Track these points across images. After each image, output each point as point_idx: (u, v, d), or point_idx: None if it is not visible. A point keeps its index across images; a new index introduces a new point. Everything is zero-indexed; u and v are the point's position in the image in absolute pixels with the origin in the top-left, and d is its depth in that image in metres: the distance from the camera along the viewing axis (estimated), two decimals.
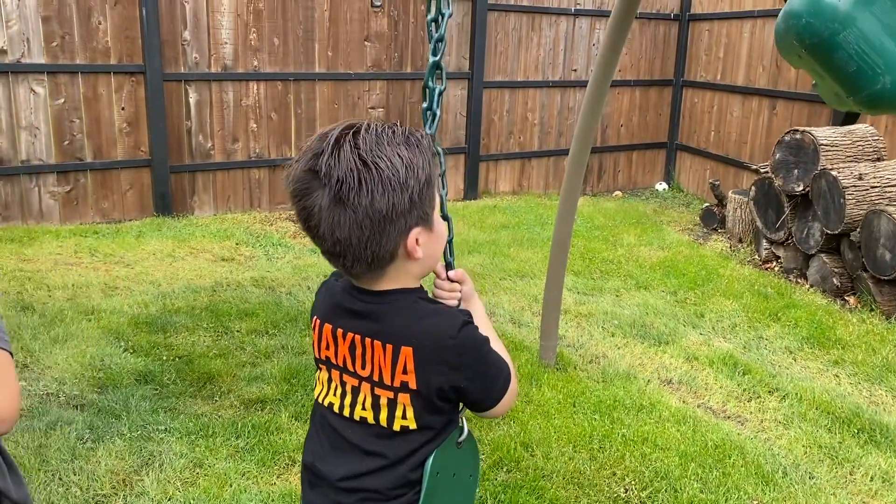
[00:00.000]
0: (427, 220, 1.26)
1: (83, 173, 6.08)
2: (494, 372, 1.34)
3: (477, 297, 1.44)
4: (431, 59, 1.44)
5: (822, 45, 1.63)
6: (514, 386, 1.38)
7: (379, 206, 1.18)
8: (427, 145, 1.25)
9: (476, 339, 1.30)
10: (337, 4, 6.79)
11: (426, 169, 1.23)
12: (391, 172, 1.18)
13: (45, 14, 5.70)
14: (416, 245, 1.25)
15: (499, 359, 1.35)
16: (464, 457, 1.41)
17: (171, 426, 3.11)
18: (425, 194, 1.23)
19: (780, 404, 3.63)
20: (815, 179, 5.32)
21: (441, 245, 1.34)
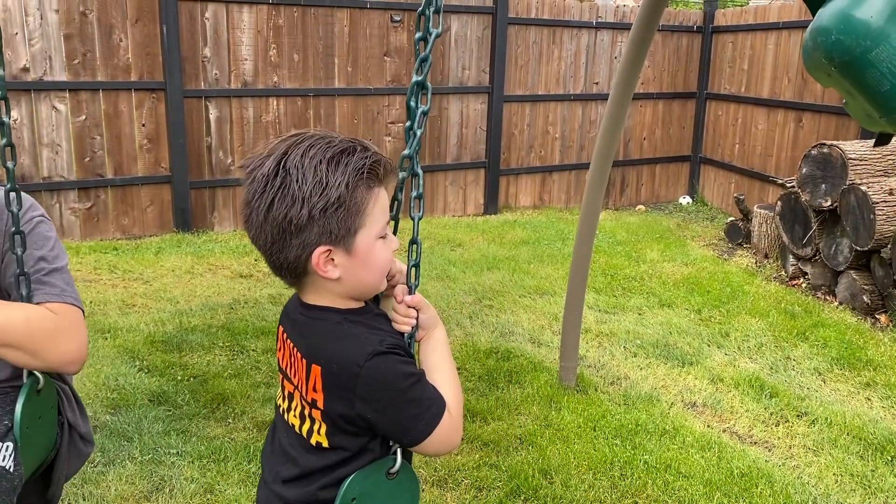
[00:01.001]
0: (340, 242, 1.23)
1: (104, 189, 6.10)
2: (414, 410, 1.25)
3: (440, 327, 1.36)
4: (415, 79, 1.37)
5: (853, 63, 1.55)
6: (449, 425, 1.27)
7: (275, 215, 1.20)
8: (360, 168, 1.21)
9: (388, 371, 1.23)
10: (356, 20, 6.78)
11: (341, 190, 1.20)
12: (297, 185, 1.19)
13: (67, 32, 5.75)
14: (326, 265, 1.24)
15: (425, 396, 1.26)
16: (397, 491, 1.32)
17: (183, 450, 3.07)
18: (333, 214, 1.20)
19: (810, 429, 3.50)
20: (844, 195, 5.19)
21: (375, 272, 1.29)
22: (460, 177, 7.64)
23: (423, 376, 1.29)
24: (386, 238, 1.31)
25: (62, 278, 1.73)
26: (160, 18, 6.00)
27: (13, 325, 1.58)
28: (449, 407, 1.29)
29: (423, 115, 1.37)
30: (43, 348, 1.61)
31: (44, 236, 1.75)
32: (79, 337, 1.68)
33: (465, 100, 7.46)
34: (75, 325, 1.68)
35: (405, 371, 1.25)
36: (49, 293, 1.68)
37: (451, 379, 1.33)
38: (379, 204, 1.27)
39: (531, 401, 3.61)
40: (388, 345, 1.26)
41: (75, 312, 1.69)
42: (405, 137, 1.39)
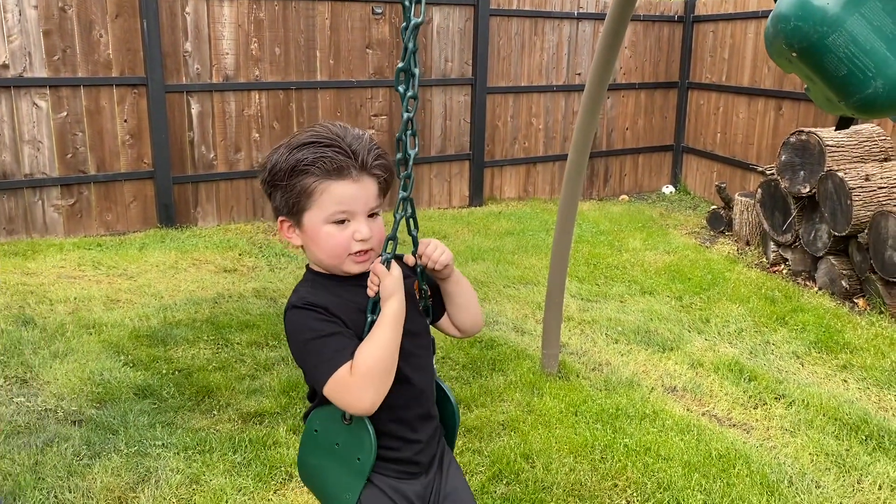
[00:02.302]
0: (291, 216, 1.47)
1: (86, 186, 6.09)
2: (312, 360, 1.41)
3: (393, 299, 1.42)
4: (399, 64, 1.43)
5: (812, 48, 1.59)
6: (343, 382, 1.37)
7: (259, 181, 1.53)
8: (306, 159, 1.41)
9: (296, 323, 1.43)
10: (338, 13, 6.79)
11: (283, 174, 1.43)
12: (270, 162, 1.46)
13: (47, 28, 5.73)
14: (288, 232, 1.49)
15: (321, 350, 1.40)
16: (350, 435, 1.47)
17: (169, 441, 3.09)
18: (278, 192, 1.45)
19: (787, 411, 3.57)
20: (822, 181, 5.26)
21: (323, 250, 1.46)
22: (445, 169, 7.67)
23: (327, 336, 1.40)
24: (343, 224, 1.44)
25: None
26: (140, 13, 5.99)
27: None
28: (353, 369, 1.36)
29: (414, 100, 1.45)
30: None
31: None
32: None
33: (449, 92, 7.48)
34: None
35: (310, 326, 1.41)
36: None
37: (374, 346, 1.39)
38: (328, 193, 1.42)
39: (514, 388, 3.66)
40: (306, 302, 1.42)
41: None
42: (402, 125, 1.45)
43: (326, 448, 1.50)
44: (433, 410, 1.61)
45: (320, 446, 1.51)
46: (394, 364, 1.41)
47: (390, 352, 1.40)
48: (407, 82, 1.44)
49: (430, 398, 1.60)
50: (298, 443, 3.01)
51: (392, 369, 1.40)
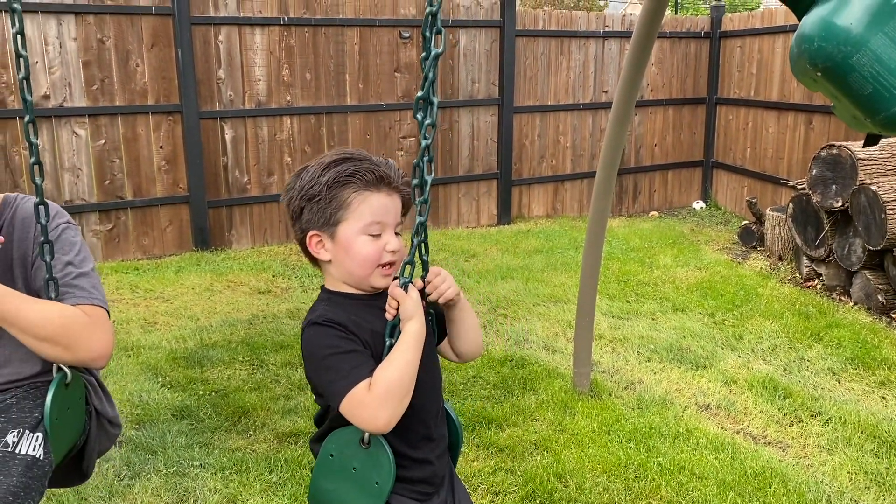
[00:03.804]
0: (325, 229, 1.51)
1: (124, 211, 6.24)
2: (329, 376, 1.44)
3: (413, 321, 1.45)
4: (418, 94, 1.48)
5: (836, 68, 1.61)
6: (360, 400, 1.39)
7: (286, 202, 1.56)
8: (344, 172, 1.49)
9: (313, 340, 1.46)
10: (366, 38, 6.90)
11: (317, 188, 1.49)
12: (296, 183, 1.53)
13: (86, 59, 5.91)
14: (317, 247, 1.53)
15: (339, 368, 1.42)
16: (368, 459, 1.46)
17: (206, 461, 3.15)
18: (315, 205, 1.50)
19: (824, 429, 3.52)
20: (855, 195, 5.20)
21: (355, 261, 1.50)
22: (473, 188, 7.72)
23: (345, 353, 1.43)
24: (378, 237, 1.50)
25: (89, 281, 1.86)
26: (175, 43, 6.15)
27: (51, 320, 1.73)
28: (372, 388, 1.39)
29: (432, 128, 1.49)
30: (76, 343, 1.76)
31: (70, 242, 1.89)
32: (107, 334, 1.83)
33: (476, 112, 7.55)
34: (103, 324, 1.83)
35: (328, 343, 1.44)
36: (78, 296, 1.82)
37: (394, 366, 1.41)
38: (365, 203, 1.49)
39: (546, 407, 3.66)
40: (326, 319, 1.46)
41: (102, 313, 1.84)
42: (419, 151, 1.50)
43: (343, 473, 1.50)
44: (443, 430, 1.64)
45: (336, 471, 1.51)
46: (412, 385, 1.42)
47: (409, 373, 1.42)
48: (425, 110, 1.48)
49: (439, 419, 1.62)
50: None
51: (410, 390, 1.42)
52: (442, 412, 1.64)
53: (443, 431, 1.64)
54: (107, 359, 1.85)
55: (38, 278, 1.85)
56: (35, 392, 1.89)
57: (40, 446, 1.79)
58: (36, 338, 1.73)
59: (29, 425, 1.81)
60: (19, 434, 1.79)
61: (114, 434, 2.15)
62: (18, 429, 1.80)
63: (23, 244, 1.89)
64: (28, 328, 1.72)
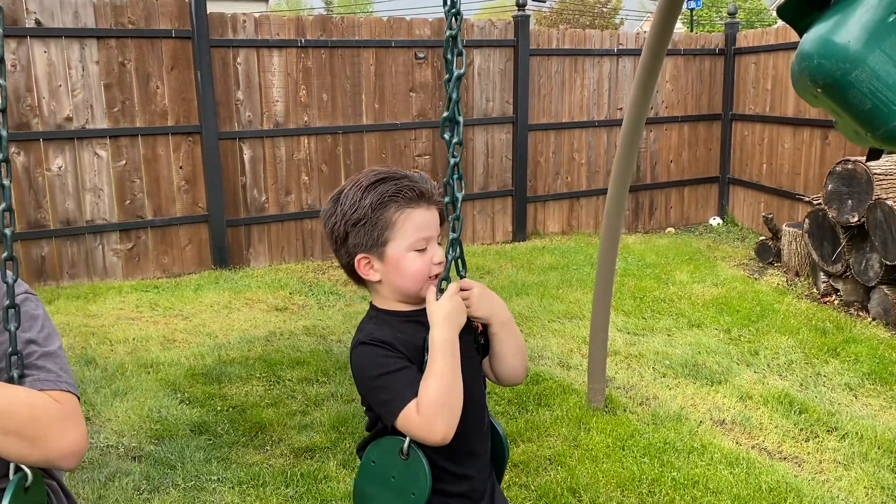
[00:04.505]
0: (373, 251, 1.52)
1: (144, 230, 6.35)
2: (381, 396, 1.46)
3: (437, 328, 1.46)
4: (444, 114, 1.54)
5: (835, 84, 1.64)
6: (411, 420, 1.41)
7: (328, 228, 1.56)
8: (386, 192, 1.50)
9: (362, 360, 1.48)
10: (382, 58, 7.00)
11: (362, 210, 1.50)
12: (340, 206, 1.53)
13: (107, 82, 6.05)
14: (366, 269, 1.53)
15: (388, 388, 1.44)
16: (407, 470, 1.48)
17: (224, 476, 3.19)
18: (361, 228, 1.51)
19: (840, 444, 3.51)
20: (871, 209, 5.19)
21: (406, 278, 1.52)
22: (488, 205, 7.77)
23: (395, 371, 1.44)
24: (424, 251, 1.53)
25: (56, 363, 1.55)
26: (194, 65, 6.28)
27: (18, 409, 1.41)
28: (419, 405, 1.40)
29: (460, 146, 1.55)
30: (44, 438, 1.44)
31: (31, 315, 1.56)
32: (79, 428, 1.50)
33: (490, 130, 7.61)
34: (75, 415, 1.51)
35: (377, 363, 1.45)
36: (44, 379, 1.50)
37: (432, 380, 1.41)
38: (410, 221, 1.51)
39: (560, 422, 3.67)
40: (373, 338, 1.47)
41: (74, 401, 1.52)
42: (446, 168, 1.54)
43: (383, 480, 1.54)
44: (486, 446, 1.64)
45: (377, 477, 1.55)
46: (459, 391, 1.42)
47: (449, 380, 1.41)
48: (452, 130, 1.53)
49: (481, 433, 1.62)
50: (348, 477, 3.10)
51: (458, 396, 1.42)
52: (487, 427, 1.64)
53: (486, 446, 1.64)
54: (79, 457, 1.50)
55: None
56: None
57: None
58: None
59: None
60: None
61: None
62: None
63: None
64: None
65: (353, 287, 5.97)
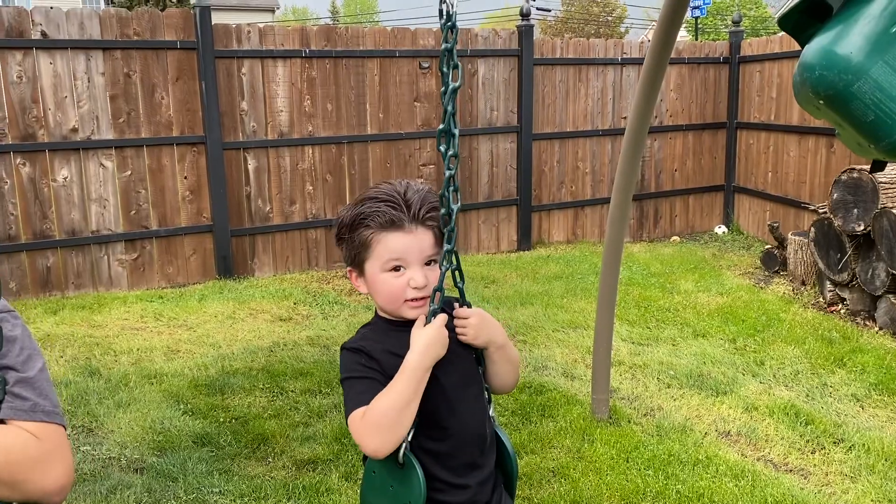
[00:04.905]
0: (353, 265, 1.59)
1: (149, 241, 6.36)
2: (344, 397, 1.53)
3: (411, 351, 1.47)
4: (440, 126, 1.53)
5: (838, 96, 1.63)
6: (356, 425, 1.46)
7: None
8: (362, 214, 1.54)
9: (341, 362, 1.56)
10: (386, 68, 7.01)
11: (348, 228, 1.56)
12: (339, 217, 1.60)
13: (113, 93, 6.07)
14: (356, 280, 1.61)
15: (348, 392, 1.51)
16: (404, 479, 1.49)
17: (226, 488, 3.18)
18: (343, 245, 1.59)
19: (847, 456, 3.48)
20: (876, 218, 5.16)
21: (381, 296, 1.56)
22: (492, 214, 7.76)
23: (357, 378, 1.51)
24: (399, 271, 1.54)
25: (34, 390, 1.40)
26: (199, 76, 6.30)
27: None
28: (365, 412, 1.45)
29: (454, 158, 1.54)
30: (25, 480, 1.34)
31: (7, 339, 1.42)
32: (64, 462, 1.40)
33: (495, 140, 7.61)
34: (59, 449, 1.40)
35: (348, 366, 1.54)
36: (19, 410, 1.37)
37: (386, 397, 1.44)
38: (383, 244, 1.53)
39: (564, 434, 3.65)
40: (352, 344, 1.55)
41: (58, 432, 1.41)
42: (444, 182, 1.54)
43: (383, 489, 1.56)
44: (485, 459, 1.62)
45: (378, 487, 1.57)
46: (409, 416, 1.44)
47: (403, 402, 1.42)
48: (448, 142, 1.52)
49: (480, 446, 1.60)
50: (350, 489, 3.08)
51: (406, 421, 1.43)
52: (491, 439, 1.63)
53: (489, 459, 1.62)
54: (64, 494, 1.42)
55: None
56: None
57: None
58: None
59: None
60: None
61: None
62: None
63: None
64: None
65: (357, 297, 5.98)
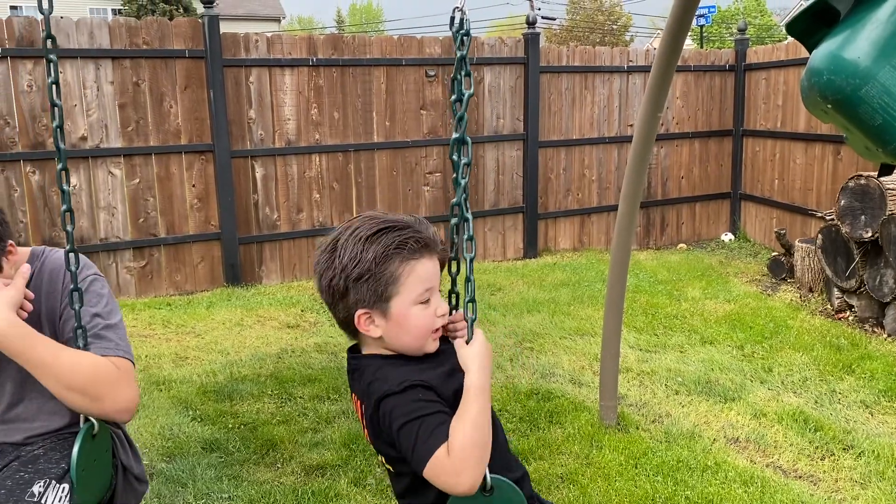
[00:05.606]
0: (375, 307, 1.45)
1: (157, 248, 6.39)
2: (411, 443, 1.37)
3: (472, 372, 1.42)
4: (454, 135, 1.53)
5: (846, 100, 1.64)
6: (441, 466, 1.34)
7: (325, 282, 1.48)
8: (391, 244, 1.43)
9: (394, 409, 1.38)
10: (393, 77, 7.05)
11: (368, 263, 1.43)
12: (339, 259, 1.45)
13: (122, 101, 6.11)
14: (367, 325, 1.47)
15: (419, 434, 1.36)
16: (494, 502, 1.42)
17: (235, 494, 3.19)
18: (364, 284, 1.43)
19: (856, 462, 3.47)
20: (884, 225, 5.16)
21: (411, 334, 1.47)
22: (499, 222, 7.77)
23: (430, 414, 1.37)
24: (428, 303, 1.47)
25: (116, 334, 1.86)
26: (207, 84, 6.34)
27: (82, 370, 1.73)
28: (450, 449, 1.34)
29: (467, 167, 1.54)
30: (103, 395, 1.75)
31: (97, 294, 1.89)
32: (133, 389, 1.82)
33: (501, 147, 7.63)
34: (129, 378, 1.82)
35: (408, 409, 1.38)
36: (105, 347, 1.82)
37: (465, 425, 1.36)
38: (414, 274, 1.45)
39: (572, 440, 3.65)
40: (406, 384, 1.39)
41: (130, 366, 1.84)
42: (454, 187, 1.55)
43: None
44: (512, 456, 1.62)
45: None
46: (490, 439, 1.38)
47: (483, 427, 1.37)
48: (459, 150, 1.54)
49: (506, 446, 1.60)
50: (359, 495, 3.08)
51: (489, 444, 1.38)
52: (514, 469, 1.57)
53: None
54: (132, 413, 1.83)
55: (66, 330, 1.85)
56: (62, 443, 1.89)
57: (66, 498, 1.77)
58: (67, 387, 1.72)
59: (55, 476, 1.79)
60: (45, 485, 1.77)
61: (140, 491, 2.11)
62: (45, 479, 1.78)
63: (51, 297, 1.89)
64: (61, 376, 1.71)
65: None
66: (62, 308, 1.87)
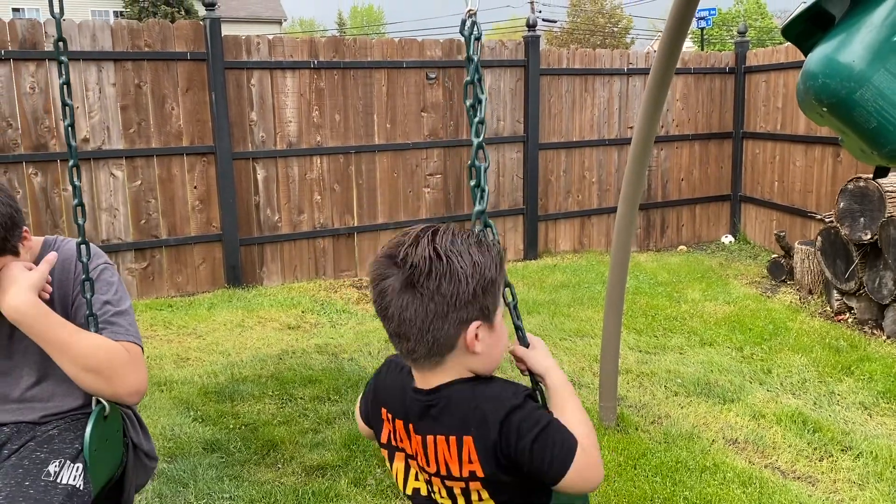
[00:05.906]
0: (488, 317, 1.35)
1: (158, 250, 6.41)
2: (548, 452, 1.32)
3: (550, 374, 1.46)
4: (476, 141, 1.56)
5: (841, 103, 1.66)
6: (583, 461, 1.33)
7: (444, 292, 1.29)
8: (496, 253, 1.38)
9: (524, 422, 1.32)
10: (394, 79, 7.07)
11: (491, 270, 1.34)
12: (459, 265, 1.30)
13: (124, 103, 6.14)
14: (476, 339, 1.33)
15: (557, 438, 1.33)
16: None
17: (236, 494, 3.21)
18: (488, 291, 1.33)
19: (855, 463, 3.48)
20: (883, 227, 5.17)
21: (503, 343, 1.41)
22: (499, 224, 7.79)
23: (553, 420, 1.36)
24: None
25: (126, 320, 1.96)
26: (209, 87, 6.36)
27: (98, 352, 1.83)
28: (582, 444, 1.34)
29: (485, 172, 1.57)
30: (116, 377, 1.85)
31: (107, 282, 1.99)
32: (142, 372, 1.93)
33: (501, 149, 7.65)
34: (139, 361, 1.93)
35: (537, 417, 1.34)
36: (116, 332, 1.91)
37: (578, 417, 1.39)
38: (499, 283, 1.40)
39: None
40: (523, 395, 1.36)
41: (139, 350, 1.94)
42: (471, 195, 1.57)
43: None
44: None
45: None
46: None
47: (587, 418, 1.42)
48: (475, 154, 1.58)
49: None
50: (360, 495, 3.09)
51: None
52: None
53: None
54: (141, 395, 1.93)
55: (78, 316, 1.94)
56: (76, 424, 1.99)
57: (80, 476, 1.86)
58: (83, 368, 1.82)
59: (70, 456, 1.89)
60: (61, 464, 1.86)
61: (150, 468, 2.23)
62: (60, 459, 1.87)
63: (64, 285, 1.98)
64: (78, 358, 1.81)
65: (364, 305, 6.00)
66: (74, 295, 1.97)
